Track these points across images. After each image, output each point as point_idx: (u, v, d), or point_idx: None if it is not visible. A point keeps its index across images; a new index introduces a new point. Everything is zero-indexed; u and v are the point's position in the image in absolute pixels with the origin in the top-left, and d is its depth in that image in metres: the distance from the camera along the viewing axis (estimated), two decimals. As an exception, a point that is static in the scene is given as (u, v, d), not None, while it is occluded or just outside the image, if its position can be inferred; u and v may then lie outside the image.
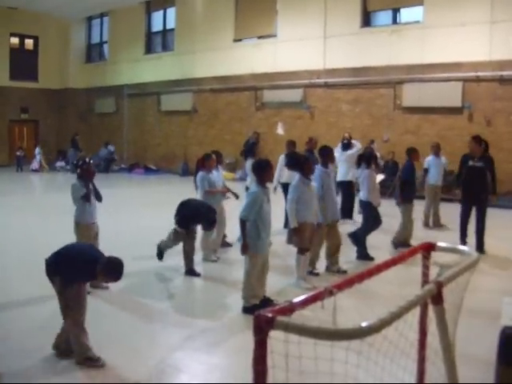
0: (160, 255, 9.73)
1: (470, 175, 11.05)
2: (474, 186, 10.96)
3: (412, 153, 11.67)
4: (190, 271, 9.58)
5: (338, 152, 13.92)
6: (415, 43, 19.32)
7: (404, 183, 11.26)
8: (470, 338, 5.98)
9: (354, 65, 20.75)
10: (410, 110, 19.81)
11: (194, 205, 9.62)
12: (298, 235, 8.57)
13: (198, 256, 10.41)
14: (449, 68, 18.55)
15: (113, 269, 5.89)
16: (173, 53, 27.86)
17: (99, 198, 8.57)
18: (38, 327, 5.88)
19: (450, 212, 12.59)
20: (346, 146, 14.59)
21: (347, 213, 13.84)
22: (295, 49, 22.50)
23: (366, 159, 10.67)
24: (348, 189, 14.09)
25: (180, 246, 9.58)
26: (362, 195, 10.64)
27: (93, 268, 5.79)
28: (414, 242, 10.66)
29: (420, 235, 11.65)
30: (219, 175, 11.00)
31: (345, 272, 9.54)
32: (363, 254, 10.42)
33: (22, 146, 30.19)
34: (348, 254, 10.46)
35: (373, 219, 10.50)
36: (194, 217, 9.43)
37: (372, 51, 20.27)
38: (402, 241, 11.17)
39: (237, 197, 11.10)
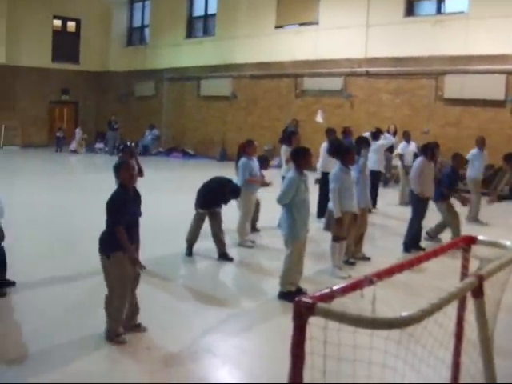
0: (188, 250, 9.72)
1: None
2: None
3: (457, 159, 10.86)
4: (223, 255, 9.63)
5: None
6: (459, 34, 19.00)
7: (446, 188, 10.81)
8: (508, 333, 5.91)
9: (395, 54, 20.50)
10: (452, 101, 19.51)
11: (215, 182, 9.66)
12: (338, 224, 8.56)
13: (232, 240, 10.47)
14: (493, 60, 18.21)
15: None
16: (213, 38, 27.83)
17: (141, 173, 8.72)
18: (80, 303, 5.98)
19: (489, 207, 12.36)
20: (375, 135, 14.48)
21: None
22: (337, 37, 22.31)
23: (427, 149, 10.43)
24: (374, 178, 13.99)
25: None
26: (411, 186, 10.47)
27: None
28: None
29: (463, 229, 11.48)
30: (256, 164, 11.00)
31: (368, 259, 9.59)
32: (408, 246, 10.28)
33: (61, 127, 30.55)
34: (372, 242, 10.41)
35: (417, 212, 10.33)
36: (218, 193, 9.46)
37: (415, 41, 19.99)
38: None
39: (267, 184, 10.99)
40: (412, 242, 10.31)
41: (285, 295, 7.42)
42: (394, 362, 3.01)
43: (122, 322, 6.15)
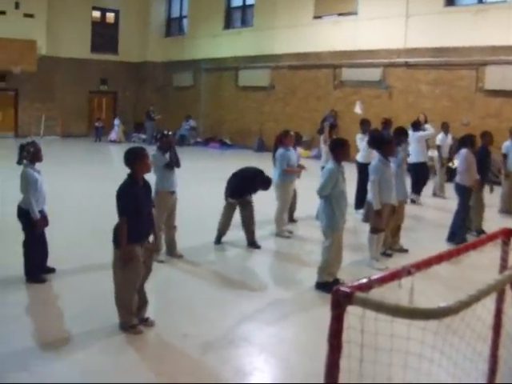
0: (217, 239, 9.76)
1: None
2: None
3: (485, 137, 11.26)
4: (252, 243, 9.70)
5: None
6: (501, 24, 18.64)
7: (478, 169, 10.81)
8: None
9: (435, 45, 20.23)
10: (493, 93, 19.19)
11: (246, 172, 9.70)
12: (377, 216, 8.54)
13: (269, 231, 10.52)
14: (536, 50, 17.90)
15: None
16: (252, 28, 27.81)
17: (178, 164, 8.76)
18: (110, 292, 6.08)
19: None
20: (416, 126, 14.35)
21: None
22: (376, 27, 22.11)
23: (467, 141, 10.37)
24: (421, 170, 13.94)
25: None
26: (457, 177, 10.34)
27: None
28: (488, 228, 10.39)
29: (496, 221, 11.36)
30: (296, 153, 11.00)
31: (406, 251, 9.52)
32: (463, 240, 10.10)
33: (100, 117, 30.88)
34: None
35: (464, 204, 10.24)
36: (248, 183, 9.50)
37: (455, 31, 19.70)
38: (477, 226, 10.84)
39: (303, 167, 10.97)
40: (459, 234, 10.20)
41: (322, 285, 7.43)
42: (431, 352, 3.01)
43: (134, 314, 6.14)
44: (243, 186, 9.51)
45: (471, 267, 7.02)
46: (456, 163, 10.95)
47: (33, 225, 7.40)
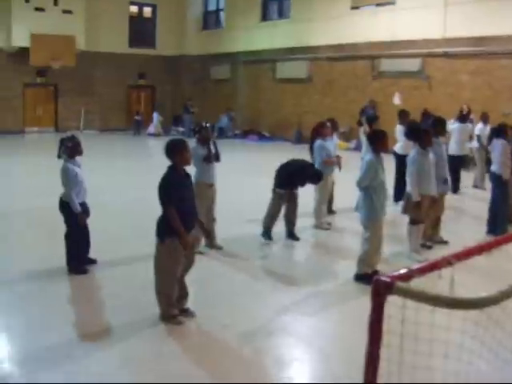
0: (267, 235, 9.65)
1: None
2: None
3: None
4: (291, 235, 9.72)
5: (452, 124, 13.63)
6: (543, 11, 18.34)
7: None
8: None
9: (475, 34, 19.91)
10: (534, 82, 18.92)
11: (296, 164, 9.69)
12: (416, 207, 8.50)
13: (309, 223, 10.53)
14: None
15: None
16: (289, 20, 27.71)
17: (218, 158, 8.83)
18: (150, 283, 6.18)
19: None
20: (462, 118, 14.19)
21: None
22: (414, 17, 21.86)
23: (498, 131, 10.27)
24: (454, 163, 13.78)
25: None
26: (494, 167, 10.22)
27: None
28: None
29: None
30: (333, 144, 10.99)
31: (446, 242, 9.44)
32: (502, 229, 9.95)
33: (139, 111, 31.16)
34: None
35: (502, 193, 10.12)
36: (298, 175, 9.49)
37: (495, 20, 19.35)
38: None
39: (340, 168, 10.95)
40: (500, 224, 10.08)
41: (361, 277, 7.43)
42: (471, 343, 3.01)
43: (175, 305, 6.22)
44: (293, 177, 9.51)
45: (508, 256, 6.90)
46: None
47: (74, 217, 7.54)
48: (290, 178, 9.47)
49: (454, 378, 3.21)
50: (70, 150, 7.59)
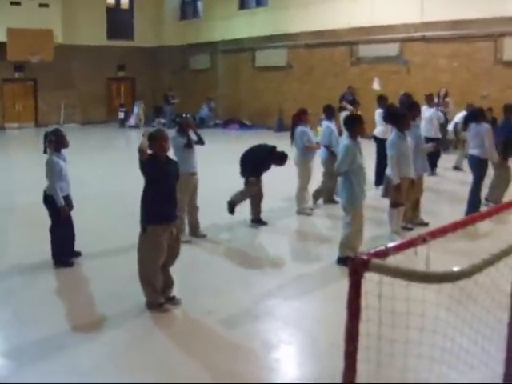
0: (231, 210, 9.86)
1: None
2: None
3: (508, 110, 11.27)
4: (258, 220, 9.87)
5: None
6: (519, -6, 18.47)
7: (504, 141, 10.88)
8: None
9: (452, 17, 20.01)
10: (512, 64, 19.08)
11: (261, 150, 9.80)
12: (396, 190, 8.62)
13: (292, 210, 10.63)
14: (554, 19, 17.68)
15: None
16: (267, 8, 27.66)
17: (202, 142, 8.94)
18: (136, 273, 6.25)
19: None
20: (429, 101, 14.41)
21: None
22: (392, 2, 21.88)
23: (476, 115, 10.41)
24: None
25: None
26: (477, 151, 10.31)
27: None
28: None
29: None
30: (335, 128, 11.18)
31: (426, 224, 9.51)
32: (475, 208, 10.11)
33: (123, 103, 31.08)
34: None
35: (482, 176, 10.29)
36: (264, 160, 9.60)
37: (472, 3, 19.44)
38: (494, 199, 10.89)
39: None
40: (473, 204, 10.25)
41: (343, 260, 7.52)
42: (446, 315, 3.11)
43: (160, 293, 6.32)
44: (260, 164, 9.61)
45: (490, 239, 7.06)
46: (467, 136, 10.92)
47: (58, 210, 7.58)
48: (258, 165, 9.57)
49: (429, 349, 3.32)
50: (55, 143, 7.63)
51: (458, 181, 12.74)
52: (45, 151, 7.70)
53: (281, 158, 9.66)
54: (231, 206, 9.85)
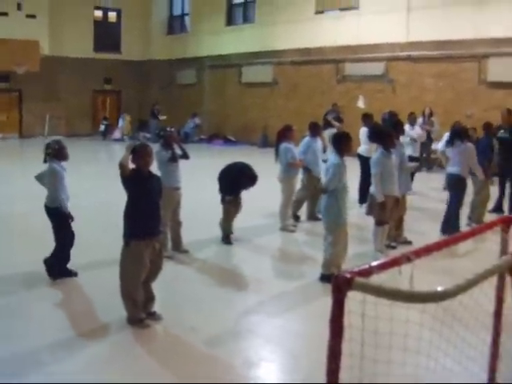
0: (227, 239, 9.75)
1: (501, 147, 11.59)
2: (506, 157, 11.52)
3: (489, 128, 11.54)
4: (227, 238, 9.77)
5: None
6: (503, 15, 18.59)
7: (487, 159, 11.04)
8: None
9: (438, 38, 20.22)
10: (496, 84, 19.19)
11: (235, 168, 9.74)
12: (381, 208, 8.61)
13: (275, 226, 10.60)
14: (538, 42, 17.86)
15: None
16: (254, 25, 27.81)
17: (187, 156, 8.89)
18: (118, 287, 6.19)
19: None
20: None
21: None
22: (378, 21, 22.08)
23: (461, 133, 10.48)
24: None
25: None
26: (456, 169, 10.31)
27: None
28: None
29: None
30: (320, 145, 11.27)
31: (410, 243, 9.51)
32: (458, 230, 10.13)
33: (106, 116, 31.03)
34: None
35: (462, 195, 10.35)
36: (238, 180, 9.56)
37: (457, 24, 19.66)
38: (476, 219, 10.98)
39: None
40: (453, 224, 10.29)
41: (327, 277, 7.49)
42: (430, 335, 3.08)
43: (141, 308, 6.25)
44: (236, 184, 9.57)
45: (473, 258, 7.06)
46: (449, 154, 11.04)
47: (63, 220, 7.48)
48: (234, 183, 9.54)
49: (413, 369, 3.29)
50: (58, 151, 7.53)
51: (441, 199, 12.73)
52: (45, 161, 7.61)
53: (251, 179, 9.58)
54: (227, 238, 9.75)
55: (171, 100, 31.56)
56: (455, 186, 10.41)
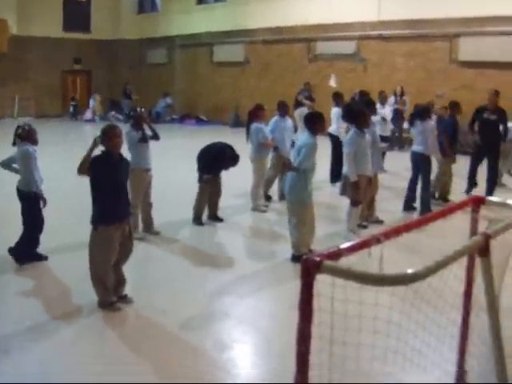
0: (199, 220, 9.72)
1: (484, 127, 11.49)
2: (487, 138, 11.39)
3: (454, 107, 11.51)
4: (214, 217, 9.82)
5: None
6: (474, -6, 18.69)
7: (447, 138, 11.11)
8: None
9: (409, 17, 20.20)
10: (467, 64, 19.28)
11: (216, 148, 9.71)
12: (354, 188, 8.61)
13: (247, 206, 10.58)
14: (508, 21, 17.89)
15: None
16: (225, 3, 27.53)
17: (157, 136, 8.81)
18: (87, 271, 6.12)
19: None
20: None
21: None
22: (349, 0, 22.07)
23: (422, 113, 10.51)
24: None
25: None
26: (421, 148, 10.39)
27: None
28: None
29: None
30: (289, 124, 11.23)
31: (382, 222, 9.61)
32: (428, 210, 10.22)
33: (74, 97, 30.68)
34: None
35: (429, 172, 10.42)
36: (219, 159, 9.51)
37: (428, 3, 19.62)
38: (432, 194, 11.08)
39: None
40: (425, 203, 10.38)
41: (298, 258, 7.50)
42: (399, 317, 3.08)
43: (112, 292, 6.20)
44: (216, 163, 9.52)
45: (442, 237, 7.06)
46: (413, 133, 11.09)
47: (34, 203, 7.40)
48: (213, 164, 9.48)
49: (382, 352, 3.29)
50: (28, 134, 7.41)
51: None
52: (14, 143, 7.47)
53: (232, 159, 9.54)
54: (198, 220, 9.70)
55: (142, 80, 31.25)
56: (420, 164, 10.47)
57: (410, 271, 2.51)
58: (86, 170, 5.95)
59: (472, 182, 11.88)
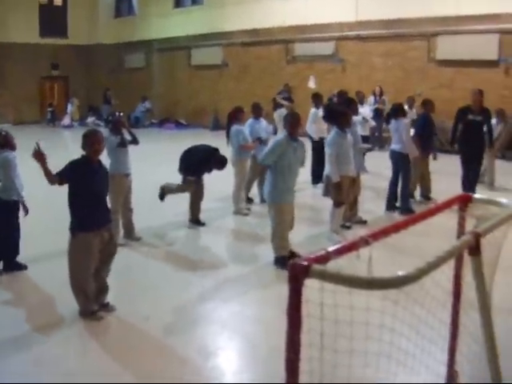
0: (162, 196, 9.72)
1: (469, 129, 11.10)
2: (473, 141, 11.04)
3: (427, 105, 11.47)
4: (197, 221, 9.72)
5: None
6: (451, -6, 18.75)
7: (419, 136, 11.06)
8: (507, 293, 5.94)
9: (386, 17, 20.22)
10: (444, 63, 19.35)
11: (202, 150, 9.62)
12: (337, 189, 8.54)
13: (229, 210, 10.48)
14: (485, 20, 17.94)
15: None
16: (202, 6, 27.47)
17: (136, 141, 8.70)
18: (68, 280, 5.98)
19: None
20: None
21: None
22: (326, 1, 22.03)
23: (395, 111, 10.49)
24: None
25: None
26: (398, 147, 10.38)
27: None
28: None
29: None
30: (262, 126, 11.11)
31: (365, 222, 9.56)
32: (407, 208, 10.27)
33: (52, 103, 30.42)
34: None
35: (409, 171, 10.39)
36: (205, 161, 9.42)
37: (406, 2, 19.69)
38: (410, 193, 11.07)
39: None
40: (405, 202, 10.37)
41: (279, 260, 7.43)
42: (392, 321, 2.99)
43: (93, 300, 6.07)
44: (202, 165, 9.42)
45: (428, 235, 7.00)
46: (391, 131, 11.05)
47: (11, 210, 7.34)
48: (198, 165, 9.39)
49: (375, 358, 3.20)
50: (5, 139, 7.30)
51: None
52: None
53: (221, 162, 9.46)
54: (162, 193, 9.70)
55: (120, 85, 31.04)
56: (398, 162, 10.44)
57: (401, 273, 2.43)
58: (57, 180, 5.84)
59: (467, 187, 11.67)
